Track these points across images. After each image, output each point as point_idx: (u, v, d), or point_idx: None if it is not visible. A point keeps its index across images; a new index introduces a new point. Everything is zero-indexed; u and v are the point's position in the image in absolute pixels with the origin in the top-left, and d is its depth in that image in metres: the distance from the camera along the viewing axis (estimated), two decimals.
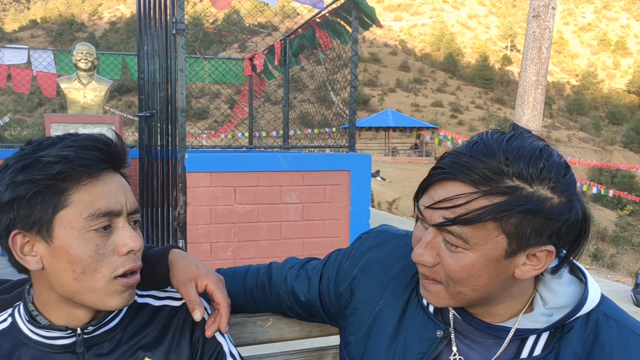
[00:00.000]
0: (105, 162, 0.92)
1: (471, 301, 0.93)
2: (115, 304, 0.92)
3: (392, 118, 37.89)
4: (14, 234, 0.89)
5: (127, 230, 0.92)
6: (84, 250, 0.88)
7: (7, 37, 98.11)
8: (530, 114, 4.24)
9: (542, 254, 0.87)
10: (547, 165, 0.84)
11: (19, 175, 0.87)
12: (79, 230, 0.88)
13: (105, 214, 0.89)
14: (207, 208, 4.30)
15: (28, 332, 0.95)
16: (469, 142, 0.89)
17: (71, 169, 0.87)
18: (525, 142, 0.86)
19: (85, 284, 0.89)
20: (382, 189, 20.39)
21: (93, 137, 0.93)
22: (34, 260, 0.90)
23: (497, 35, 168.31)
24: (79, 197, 0.88)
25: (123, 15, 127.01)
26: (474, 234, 0.85)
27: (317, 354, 1.32)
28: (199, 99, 10.63)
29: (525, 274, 0.89)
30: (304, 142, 9.25)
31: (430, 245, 0.91)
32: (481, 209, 0.83)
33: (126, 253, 0.91)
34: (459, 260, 0.87)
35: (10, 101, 13.15)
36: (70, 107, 6.65)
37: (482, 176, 0.83)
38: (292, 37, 6.68)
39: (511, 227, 0.84)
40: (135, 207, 0.96)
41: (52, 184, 0.87)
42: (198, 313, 1.01)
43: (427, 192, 0.91)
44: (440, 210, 0.87)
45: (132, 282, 0.93)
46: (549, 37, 4.20)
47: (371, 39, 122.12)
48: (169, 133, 4.29)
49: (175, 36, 4.09)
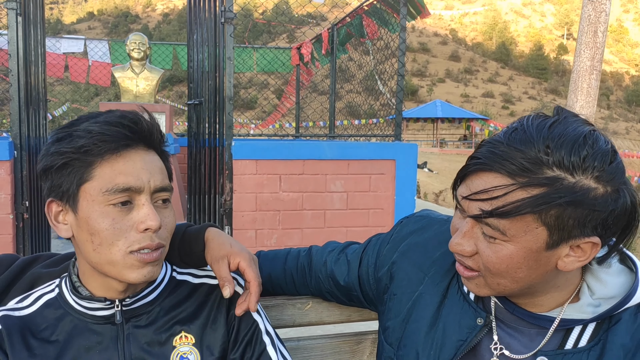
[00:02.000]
0: (130, 139, 0.93)
1: (513, 292, 0.90)
2: (133, 277, 0.93)
3: (441, 109, 37.32)
4: (49, 202, 0.95)
5: (147, 208, 0.92)
6: (100, 223, 0.90)
7: (66, 28, 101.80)
8: (583, 100, 4.08)
9: (587, 246, 0.83)
10: (591, 152, 0.79)
11: (52, 147, 0.92)
12: (98, 204, 0.90)
13: (124, 189, 0.91)
14: (253, 195, 4.35)
15: (72, 303, 0.99)
16: (508, 129, 0.85)
17: (92, 143, 0.90)
18: (569, 128, 0.81)
19: (103, 256, 0.92)
20: (428, 181, 20.12)
21: (122, 114, 0.94)
22: (65, 228, 0.95)
23: (552, 23, 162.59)
24: (102, 171, 0.91)
25: (175, 7, 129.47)
26: (511, 226, 0.82)
27: (356, 339, 1.32)
28: (247, 89, 10.74)
29: (569, 265, 0.85)
30: (350, 132, 9.23)
31: (468, 235, 0.88)
32: (519, 201, 0.79)
33: (143, 230, 0.92)
34: (497, 252, 0.85)
35: (68, 91, 13.64)
36: (124, 95, 6.86)
37: (519, 167, 0.79)
38: (339, 26, 6.65)
39: (551, 218, 0.80)
40: (162, 186, 0.96)
41: (77, 157, 0.90)
42: (227, 290, 1.02)
43: (465, 182, 0.88)
44: (477, 202, 0.84)
45: (150, 258, 0.93)
46: (605, 20, 4.03)
47: (421, 29, 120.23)
48: (217, 121, 4.35)
49: (224, 25, 4.13)
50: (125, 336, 0.98)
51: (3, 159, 4.02)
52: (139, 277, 0.93)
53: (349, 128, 8.65)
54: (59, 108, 13.35)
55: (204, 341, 1.02)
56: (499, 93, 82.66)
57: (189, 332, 1.01)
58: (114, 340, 0.97)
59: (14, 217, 4.10)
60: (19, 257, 1.14)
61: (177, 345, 1.00)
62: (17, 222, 4.13)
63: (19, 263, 1.11)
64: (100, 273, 0.95)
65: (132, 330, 0.98)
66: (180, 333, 1.01)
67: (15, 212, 4.11)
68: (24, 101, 4.13)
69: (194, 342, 1.01)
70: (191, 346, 1.01)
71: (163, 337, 1.00)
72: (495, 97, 79.97)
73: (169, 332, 1.00)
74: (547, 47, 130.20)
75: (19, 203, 4.12)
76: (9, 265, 1.10)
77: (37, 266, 1.11)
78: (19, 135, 4.09)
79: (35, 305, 1.00)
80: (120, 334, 0.97)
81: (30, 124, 4.26)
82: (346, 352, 1.30)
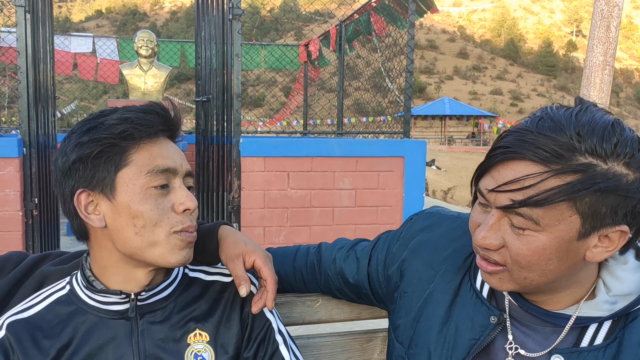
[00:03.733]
0: (163, 126, 0.98)
1: (538, 286, 0.88)
2: (175, 259, 0.95)
3: (449, 106, 37.20)
4: (78, 193, 0.94)
5: (183, 189, 0.97)
6: (144, 204, 0.92)
7: (74, 27, 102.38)
8: (596, 96, 4.04)
9: (615, 235, 0.82)
10: (621, 139, 0.78)
11: (84, 136, 0.93)
12: (140, 187, 0.93)
13: (164, 170, 0.94)
14: (261, 192, 4.35)
15: (85, 298, 0.98)
16: (532, 118, 0.84)
17: (133, 127, 0.93)
18: (596, 116, 0.80)
19: (146, 238, 0.93)
20: (437, 178, 20.05)
21: (152, 103, 0.99)
22: (98, 218, 0.94)
23: (562, 20, 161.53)
24: (139, 156, 0.94)
25: (183, 4, 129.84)
26: (545, 215, 0.80)
27: (366, 337, 1.30)
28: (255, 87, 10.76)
29: (597, 256, 0.83)
30: (358, 129, 9.22)
31: (494, 228, 0.86)
32: (554, 188, 0.78)
33: (182, 211, 0.95)
34: (529, 243, 0.82)
35: (76, 89, 13.70)
36: (132, 93, 6.88)
37: (552, 154, 0.78)
38: (347, 22, 6.63)
39: (585, 206, 0.78)
40: (189, 171, 1.00)
41: (116, 143, 0.92)
42: (244, 289, 1.02)
43: (490, 174, 0.85)
44: (507, 193, 0.82)
45: (191, 238, 0.97)
46: (618, 15, 3.98)
47: (429, 26, 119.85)
48: (225, 118, 4.35)
49: (232, 22, 4.13)
50: (140, 332, 0.97)
51: (12, 156, 4.04)
52: (179, 258, 0.95)
53: (357, 125, 8.64)
54: (67, 106, 13.40)
55: (218, 339, 1.01)
56: (508, 90, 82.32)
57: (203, 330, 1.01)
58: (128, 336, 0.96)
59: (23, 214, 4.12)
60: (29, 254, 1.14)
61: (191, 342, 0.99)
62: (26, 218, 4.15)
63: (29, 261, 1.11)
64: (134, 261, 0.96)
65: (146, 326, 0.98)
66: (195, 330, 1.00)
67: (25, 209, 4.13)
68: (32, 98, 4.14)
69: (208, 339, 1.01)
70: (205, 344, 1.00)
71: (178, 334, 0.99)
72: (503, 95, 79.65)
73: (184, 329, 1.00)
74: (556, 44, 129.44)
75: (28, 200, 4.14)
76: (18, 263, 1.09)
77: (47, 264, 1.11)
78: (28, 132, 4.11)
79: (45, 303, 0.99)
80: (135, 330, 0.97)
81: (39, 121, 4.28)
82: (356, 350, 1.29)
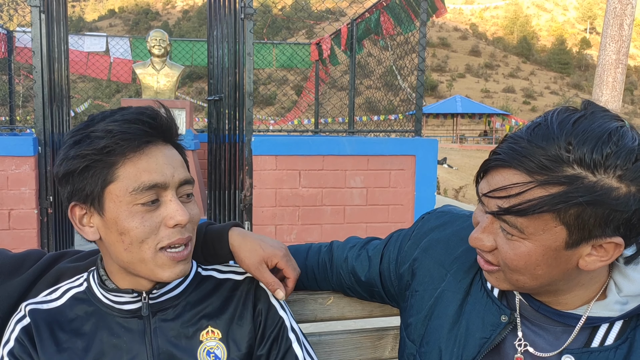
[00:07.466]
0: (150, 135, 0.93)
1: (533, 289, 0.89)
2: (166, 276, 0.94)
3: (461, 104, 36.96)
4: (72, 206, 0.94)
5: (174, 203, 0.92)
6: (131, 221, 0.90)
7: (88, 26, 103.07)
8: (609, 94, 4.00)
9: (609, 246, 0.81)
10: (615, 150, 0.76)
11: (71, 150, 0.91)
12: (126, 204, 0.90)
13: (150, 187, 0.90)
14: (273, 191, 4.37)
15: (100, 296, 1.00)
16: (531, 124, 0.83)
17: (114, 143, 0.89)
18: (595, 124, 0.78)
19: (134, 255, 0.92)
20: (448, 177, 19.96)
21: (139, 111, 0.94)
22: (91, 231, 0.95)
23: (575, 17, 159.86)
24: (125, 171, 0.90)
25: (195, 3, 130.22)
26: (530, 224, 0.80)
27: (377, 334, 1.31)
28: (267, 85, 10.78)
29: (591, 265, 0.83)
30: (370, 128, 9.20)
31: (487, 231, 0.88)
32: (536, 199, 0.78)
33: (173, 226, 0.92)
34: (515, 248, 0.84)
35: (90, 87, 13.81)
36: (144, 92, 6.92)
37: (538, 164, 0.78)
38: (359, 21, 6.63)
39: (571, 218, 0.78)
40: (184, 179, 0.95)
41: (100, 159, 0.89)
42: (280, 293, 1.05)
43: (486, 177, 0.87)
44: (495, 199, 0.83)
45: (180, 256, 0.94)
46: (631, 13, 3.94)
47: (440, 23, 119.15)
48: (237, 117, 4.37)
49: (244, 21, 4.15)
50: (153, 330, 0.98)
51: (27, 155, 4.09)
52: (171, 275, 0.94)
53: (368, 124, 8.63)
54: (81, 105, 13.52)
55: (230, 336, 1.02)
56: (520, 88, 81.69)
57: (215, 327, 1.02)
58: (141, 334, 0.98)
59: (38, 212, 4.17)
60: (46, 252, 1.16)
61: (203, 339, 1.00)
62: (41, 216, 4.20)
63: (47, 258, 1.13)
64: (131, 273, 0.96)
65: (159, 324, 0.99)
66: (207, 328, 1.01)
67: (40, 207, 4.18)
68: (47, 98, 4.20)
69: (220, 337, 1.01)
70: (218, 341, 1.01)
71: (190, 331, 1.00)
72: (516, 92, 79.06)
73: (196, 327, 1.01)
74: (570, 41, 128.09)
75: (43, 198, 4.19)
76: (37, 260, 1.12)
77: (63, 262, 1.14)
78: (43, 131, 4.16)
79: (64, 298, 1.01)
80: (148, 328, 0.98)
81: (54, 120, 4.33)
82: (368, 347, 1.30)
